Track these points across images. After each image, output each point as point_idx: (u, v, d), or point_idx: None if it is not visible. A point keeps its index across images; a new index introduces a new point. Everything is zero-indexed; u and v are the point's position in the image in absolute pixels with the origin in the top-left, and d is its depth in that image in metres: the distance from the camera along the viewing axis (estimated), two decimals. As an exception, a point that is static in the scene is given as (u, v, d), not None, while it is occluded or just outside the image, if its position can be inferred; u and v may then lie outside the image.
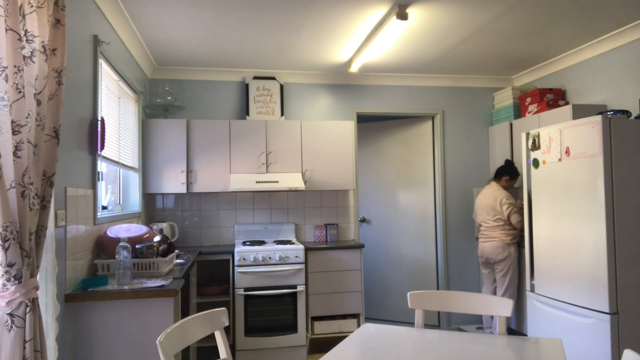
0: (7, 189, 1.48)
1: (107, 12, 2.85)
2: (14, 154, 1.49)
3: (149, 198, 4.22)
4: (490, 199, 3.99)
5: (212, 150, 4.03)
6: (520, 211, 3.87)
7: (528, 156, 3.38)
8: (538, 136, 3.22)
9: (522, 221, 3.84)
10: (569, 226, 2.99)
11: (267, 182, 3.97)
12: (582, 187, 2.88)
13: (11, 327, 1.51)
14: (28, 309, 1.54)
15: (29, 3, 1.60)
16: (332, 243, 4.26)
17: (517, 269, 3.91)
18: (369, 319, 4.93)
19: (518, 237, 3.95)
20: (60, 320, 2.08)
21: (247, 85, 4.39)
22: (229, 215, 4.39)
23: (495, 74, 4.73)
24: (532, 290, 3.34)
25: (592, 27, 3.44)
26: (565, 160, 3.01)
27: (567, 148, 2.97)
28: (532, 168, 3.32)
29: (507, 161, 4.14)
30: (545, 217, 3.20)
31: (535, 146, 3.26)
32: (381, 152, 5.07)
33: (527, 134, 3.37)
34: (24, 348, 1.52)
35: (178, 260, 3.13)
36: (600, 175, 2.76)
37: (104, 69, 2.92)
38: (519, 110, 4.44)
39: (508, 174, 4.05)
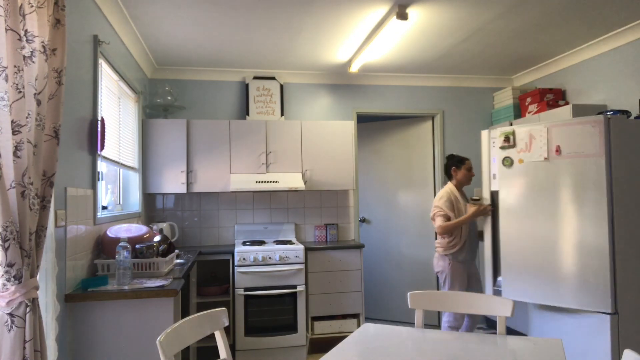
0: (7, 189, 1.48)
1: (107, 12, 2.85)
2: (14, 154, 1.49)
3: (149, 198, 4.22)
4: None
5: (212, 150, 4.03)
6: (445, 218, 3.38)
7: (494, 155, 3.21)
8: (513, 133, 3.16)
9: (443, 228, 3.35)
10: (568, 226, 2.98)
11: (267, 182, 3.97)
12: (581, 187, 2.87)
13: (11, 327, 1.51)
14: (28, 309, 1.54)
15: (29, 3, 1.60)
16: (332, 243, 4.26)
17: (456, 286, 3.40)
18: (369, 319, 4.93)
19: (457, 248, 3.39)
20: (60, 320, 2.08)
21: (247, 85, 4.39)
22: (229, 215, 4.39)
23: (495, 74, 4.73)
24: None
25: (592, 27, 3.44)
26: (554, 159, 2.97)
27: (558, 147, 2.94)
28: (503, 167, 3.25)
29: (447, 156, 3.73)
30: (537, 216, 3.18)
31: (510, 144, 3.17)
32: (381, 152, 5.07)
33: (497, 132, 3.19)
34: (24, 348, 1.52)
35: (178, 260, 3.13)
36: (600, 175, 2.76)
37: (104, 69, 2.91)
38: (519, 110, 4.44)
39: (452, 165, 3.58)
